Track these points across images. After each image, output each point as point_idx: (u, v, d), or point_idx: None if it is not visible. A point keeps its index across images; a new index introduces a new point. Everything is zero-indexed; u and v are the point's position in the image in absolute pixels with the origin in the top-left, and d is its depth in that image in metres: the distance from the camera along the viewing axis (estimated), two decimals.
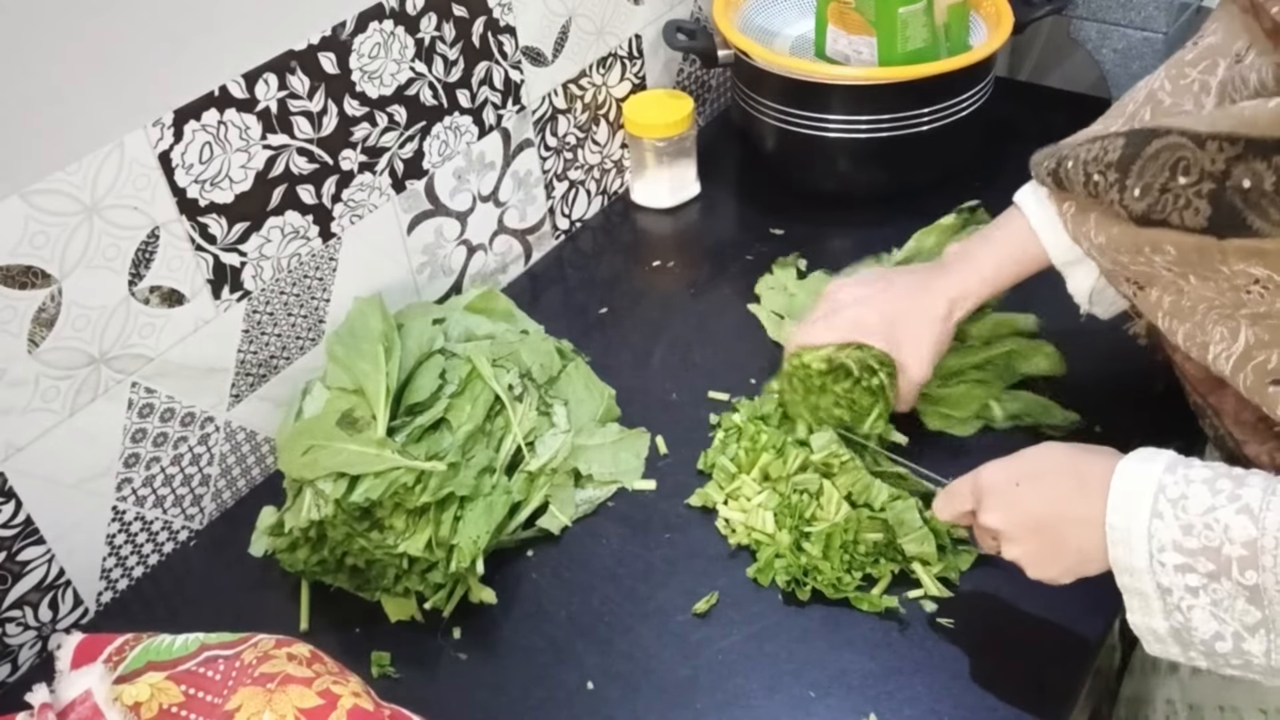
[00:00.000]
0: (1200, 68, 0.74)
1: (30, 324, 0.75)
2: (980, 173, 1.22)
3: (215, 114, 0.81)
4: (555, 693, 0.77)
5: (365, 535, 0.79)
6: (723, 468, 0.89)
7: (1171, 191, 0.65)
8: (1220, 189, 0.62)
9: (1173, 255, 0.68)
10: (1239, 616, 0.59)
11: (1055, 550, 0.68)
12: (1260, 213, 0.60)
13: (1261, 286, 0.63)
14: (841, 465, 0.85)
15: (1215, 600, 0.59)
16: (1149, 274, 0.73)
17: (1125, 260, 0.73)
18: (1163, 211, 0.66)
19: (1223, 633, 0.59)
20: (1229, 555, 0.58)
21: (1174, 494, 0.61)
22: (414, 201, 1.01)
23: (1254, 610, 0.58)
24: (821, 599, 0.80)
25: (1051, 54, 1.44)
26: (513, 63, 1.05)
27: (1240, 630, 0.59)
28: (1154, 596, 0.62)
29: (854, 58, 1.16)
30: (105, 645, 0.66)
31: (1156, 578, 0.61)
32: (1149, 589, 0.62)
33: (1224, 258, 0.64)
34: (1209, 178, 0.63)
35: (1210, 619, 0.60)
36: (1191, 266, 0.68)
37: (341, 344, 0.89)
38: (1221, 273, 0.65)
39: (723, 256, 1.17)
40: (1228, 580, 0.58)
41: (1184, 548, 0.60)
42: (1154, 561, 0.61)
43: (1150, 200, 0.67)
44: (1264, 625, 0.58)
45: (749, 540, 0.84)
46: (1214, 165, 0.62)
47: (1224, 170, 0.62)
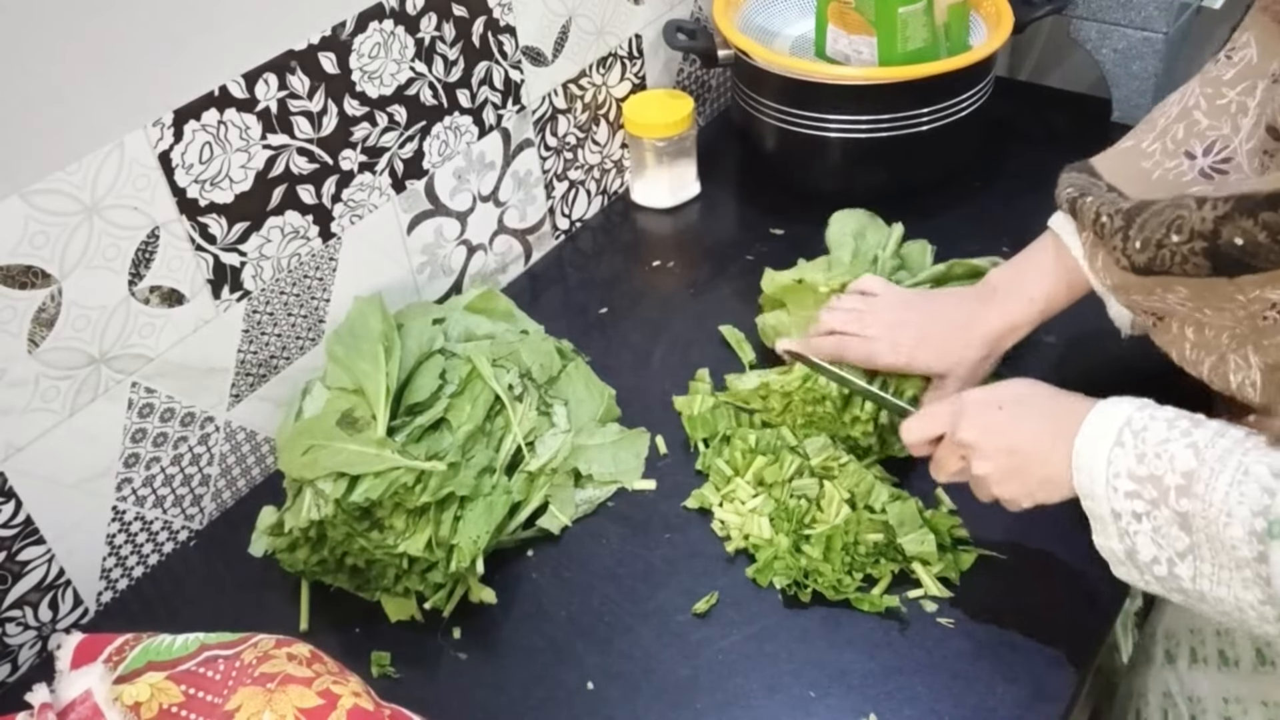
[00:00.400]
0: (1239, 89, 0.73)
1: (30, 324, 0.75)
2: (980, 173, 1.22)
3: (215, 114, 0.81)
4: (555, 693, 0.77)
5: (365, 535, 0.79)
6: (718, 470, 0.89)
7: (1167, 248, 0.67)
8: (1213, 247, 0.64)
9: (1184, 293, 0.70)
10: (1172, 542, 0.62)
11: (1022, 472, 0.72)
12: (1261, 260, 0.62)
13: (1278, 311, 0.65)
14: (841, 468, 0.85)
15: (1155, 526, 0.63)
16: (1164, 309, 0.74)
17: (1139, 299, 0.75)
18: (1163, 265, 0.68)
19: (1159, 557, 0.63)
20: (1169, 484, 0.62)
21: (1137, 426, 0.65)
22: (414, 201, 1.01)
23: (1184, 536, 0.62)
24: (821, 599, 0.80)
25: (1051, 54, 1.44)
26: (513, 63, 1.05)
27: (1173, 555, 0.63)
28: (1109, 520, 0.66)
29: (854, 58, 1.16)
30: (105, 645, 0.66)
31: (1111, 503, 0.65)
32: (1105, 513, 0.66)
33: (1239, 289, 0.66)
34: (1199, 236, 0.65)
35: (1150, 544, 0.64)
36: (1205, 301, 0.69)
37: (341, 344, 0.89)
38: (1237, 301, 0.67)
39: (723, 256, 1.17)
40: (1165, 507, 0.62)
41: (1135, 475, 0.64)
42: (1109, 486, 0.65)
43: (1150, 254, 0.69)
44: (1191, 551, 0.62)
45: (746, 545, 0.84)
46: (1203, 225, 0.64)
47: (1213, 229, 0.64)
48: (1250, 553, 0.58)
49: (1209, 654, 0.78)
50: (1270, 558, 0.57)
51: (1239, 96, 0.73)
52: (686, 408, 0.95)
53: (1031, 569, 0.81)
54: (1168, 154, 0.77)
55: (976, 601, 0.80)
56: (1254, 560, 0.58)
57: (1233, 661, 0.76)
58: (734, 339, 1.04)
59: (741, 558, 0.84)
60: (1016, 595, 0.80)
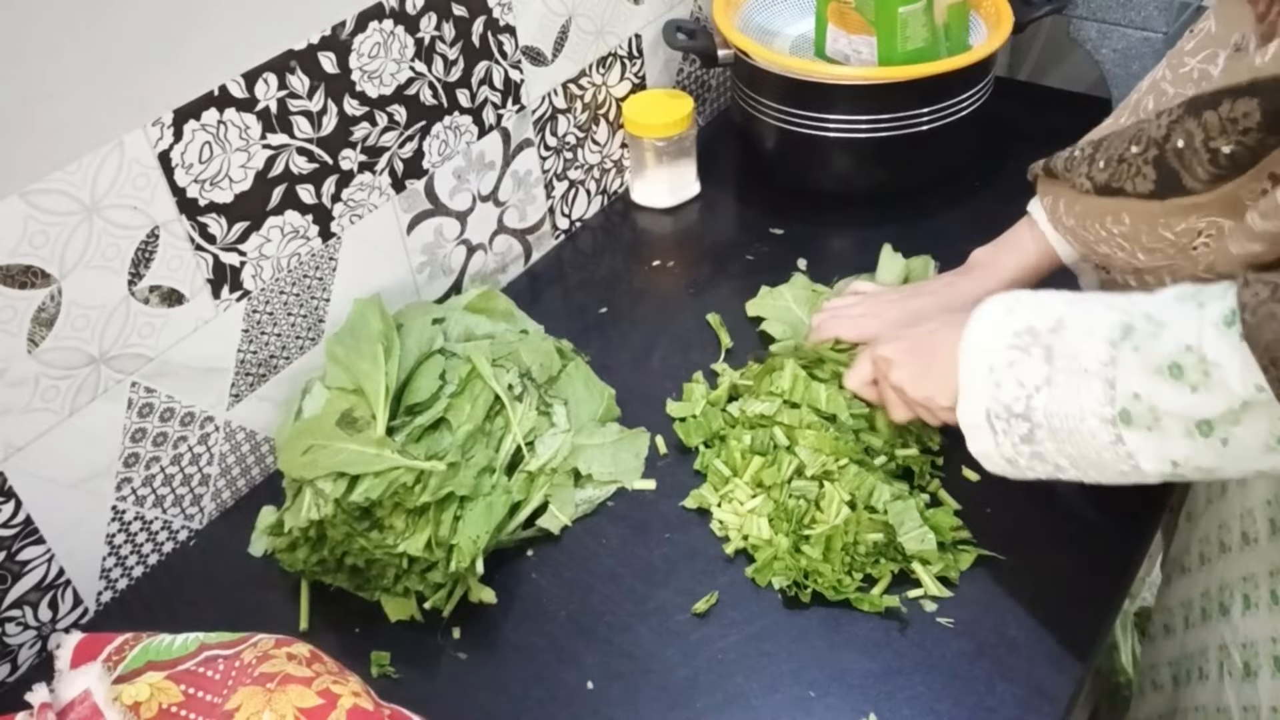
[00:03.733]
0: (1199, 57, 0.77)
1: (30, 324, 0.75)
2: (980, 172, 1.22)
3: (215, 114, 0.81)
4: (555, 693, 0.77)
5: (365, 535, 0.79)
6: (716, 470, 0.89)
7: (1126, 161, 0.73)
8: (1161, 153, 0.69)
9: (1126, 226, 0.75)
10: (1033, 378, 0.67)
11: (929, 363, 0.77)
12: (1190, 172, 0.67)
13: (1205, 237, 0.70)
14: (841, 470, 0.85)
15: (1023, 368, 0.68)
16: (1109, 257, 0.79)
17: (1090, 239, 0.80)
18: (1119, 180, 0.74)
19: (1019, 396, 0.68)
20: (1041, 327, 0.68)
21: (1025, 298, 0.71)
22: (414, 201, 1.01)
23: (1044, 367, 0.66)
24: (821, 599, 0.80)
25: (1051, 54, 1.44)
26: (512, 62, 1.05)
27: (1031, 390, 0.67)
28: (981, 376, 0.70)
29: (854, 58, 1.16)
30: (105, 645, 0.66)
31: (989, 359, 0.70)
32: (979, 369, 0.70)
33: (1166, 221, 0.71)
34: (1153, 144, 0.70)
35: (1014, 386, 0.68)
36: (1139, 239, 0.75)
37: (341, 344, 0.89)
38: (1166, 238, 0.72)
39: (723, 256, 1.17)
40: (1037, 348, 0.67)
41: (1015, 330, 0.69)
42: (991, 348, 0.70)
43: (1110, 171, 0.75)
44: (1049, 381, 0.66)
45: (745, 545, 0.84)
46: (1158, 131, 0.70)
47: (1165, 135, 0.69)
48: (1104, 357, 0.63)
49: (1262, 597, 0.79)
50: (1118, 358, 0.62)
51: (1200, 64, 0.77)
52: (679, 412, 0.95)
53: (1031, 569, 0.81)
54: None
55: (976, 601, 0.80)
56: (1104, 365, 0.63)
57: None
58: (714, 322, 1.06)
59: (741, 558, 0.84)
60: (1016, 595, 0.80)
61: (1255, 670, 0.78)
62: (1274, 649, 0.76)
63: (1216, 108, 0.64)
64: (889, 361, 0.81)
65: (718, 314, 1.06)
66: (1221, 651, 0.82)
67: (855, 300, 0.97)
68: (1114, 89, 1.26)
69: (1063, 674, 0.75)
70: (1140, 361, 0.61)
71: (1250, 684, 0.78)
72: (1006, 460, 0.71)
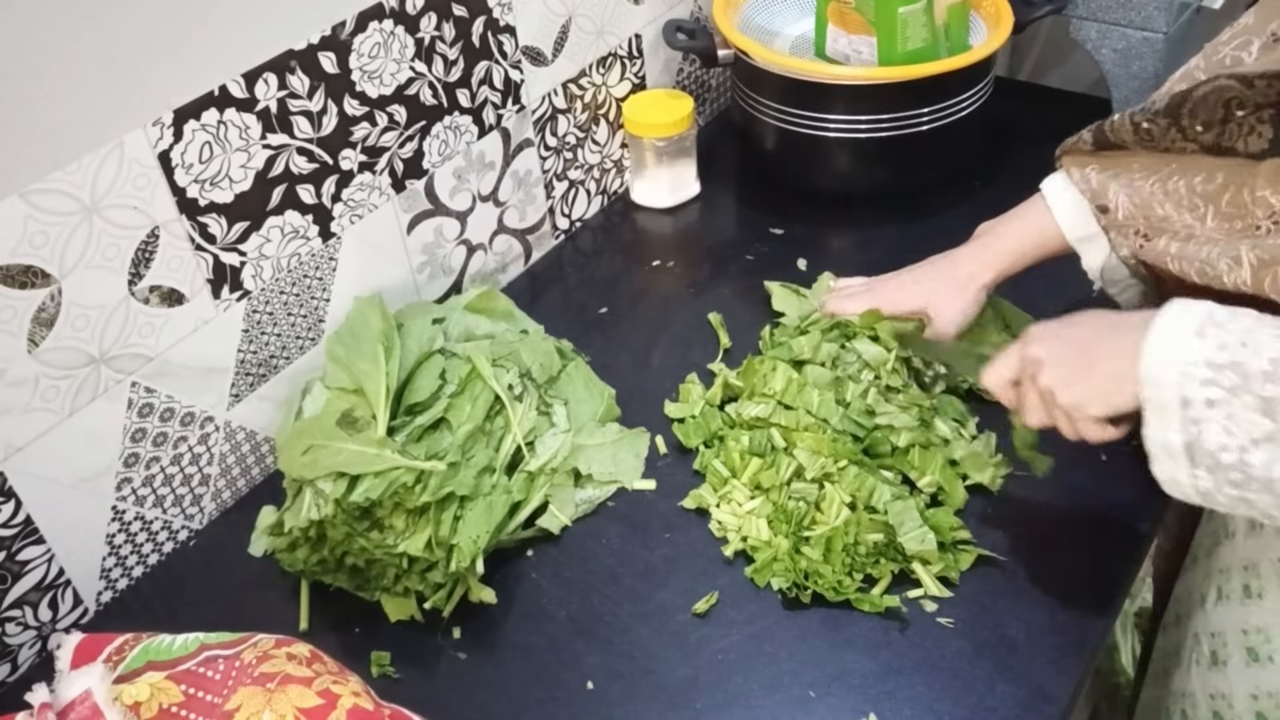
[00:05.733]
0: (1233, 45, 0.77)
1: (30, 324, 0.75)
2: (980, 172, 1.22)
3: (215, 114, 0.81)
4: (555, 693, 0.77)
5: (365, 535, 0.79)
6: (715, 470, 0.89)
7: (1233, 121, 0.73)
8: (1279, 113, 0.69)
9: (1216, 184, 0.75)
10: (1248, 429, 0.61)
11: (1087, 370, 0.71)
12: None
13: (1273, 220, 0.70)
14: (840, 472, 0.85)
15: (1230, 414, 0.62)
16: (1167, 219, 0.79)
17: (1158, 199, 0.80)
18: (1230, 139, 0.73)
19: (1229, 445, 0.62)
20: (1254, 369, 0.61)
21: (1221, 318, 0.64)
22: (414, 201, 1.01)
23: (1265, 422, 0.61)
24: (821, 599, 0.80)
25: (1051, 54, 1.44)
26: (513, 62, 1.05)
27: (1246, 443, 0.62)
28: (1174, 409, 0.64)
29: (854, 58, 1.16)
30: (105, 645, 0.66)
31: (1182, 389, 0.64)
32: (1171, 401, 0.64)
33: (1254, 184, 0.71)
34: (1267, 106, 0.70)
35: (1221, 432, 0.62)
36: (1218, 201, 0.74)
37: (341, 344, 0.89)
38: (1244, 204, 0.72)
39: (723, 256, 1.17)
40: (1247, 394, 0.61)
41: (1214, 363, 0.63)
42: (1182, 373, 0.64)
43: (1215, 132, 0.74)
44: (1270, 438, 0.61)
45: (744, 546, 0.84)
46: (1266, 98, 0.70)
47: (1277, 100, 0.69)
48: None
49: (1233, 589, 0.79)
50: None
51: (1233, 51, 0.77)
52: (677, 413, 0.95)
53: (1031, 569, 0.81)
54: None
55: (976, 601, 0.80)
56: None
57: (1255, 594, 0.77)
58: (715, 322, 1.06)
59: (741, 558, 0.84)
60: (1016, 595, 0.80)
61: (1224, 659, 0.78)
62: (1245, 640, 0.77)
63: None
64: (1040, 362, 0.74)
65: (719, 313, 1.06)
66: (1194, 640, 0.83)
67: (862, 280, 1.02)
68: (1114, 89, 1.26)
69: (1063, 674, 0.75)
70: None
71: (1219, 672, 0.79)
72: (1201, 495, 0.66)
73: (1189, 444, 0.64)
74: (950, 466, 0.87)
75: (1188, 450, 0.65)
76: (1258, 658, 0.76)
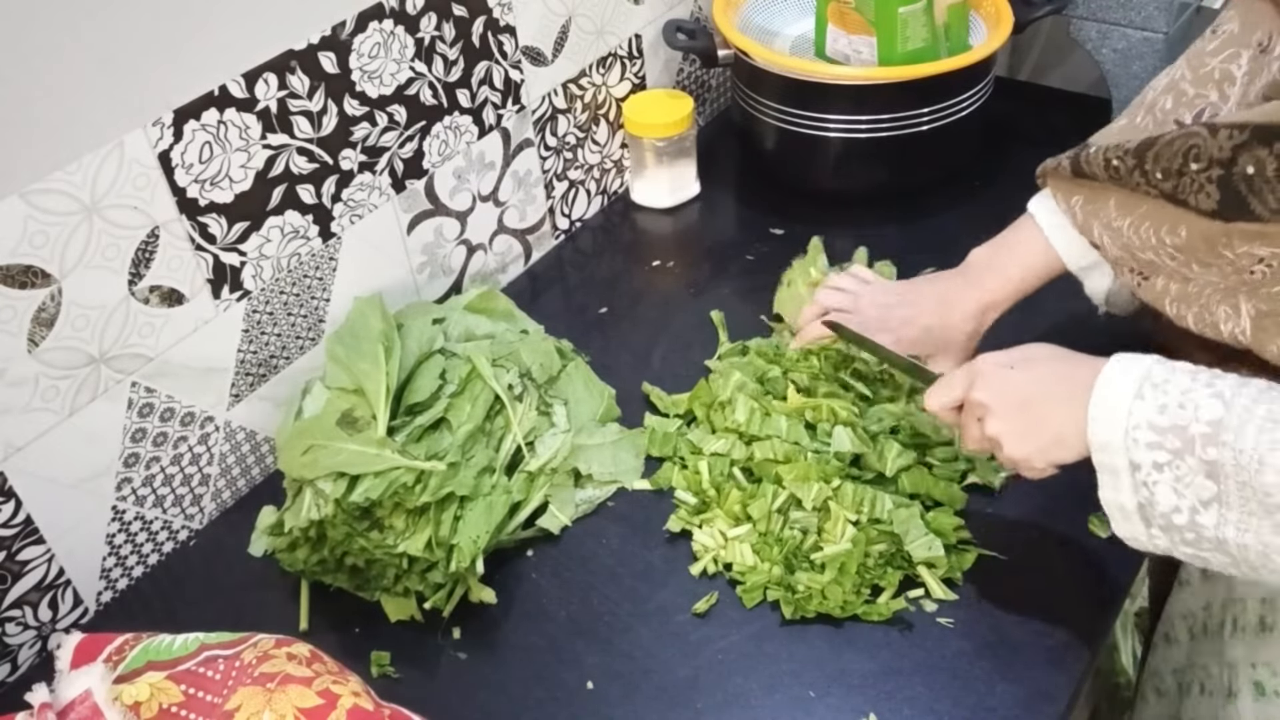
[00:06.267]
0: (1221, 57, 0.75)
1: (30, 324, 0.75)
2: (980, 172, 1.22)
3: (215, 114, 0.81)
4: (555, 693, 0.77)
5: (365, 535, 0.79)
6: (681, 500, 0.87)
7: (1187, 175, 0.69)
8: (1228, 174, 0.65)
9: (1182, 239, 0.71)
10: (1196, 491, 0.62)
11: (1035, 428, 0.71)
12: (1260, 199, 0.64)
13: (1265, 265, 0.67)
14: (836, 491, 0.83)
15: (1178, 476, 0.62)
16: (1154, 264, 0.76)
17: (1136, 244, 0.76)
18: (1184, 193, 0.70)
19: (1180, 506, 0.63)
20: (1194, 433, 0.61)
21: (1158, 379, 0.64)
22: (414, 201, 1.01)
23: (1210, 485, 0.61)
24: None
25: (1051, 54, 1.44)
26: (513, 62, 1.05)
27: (1196, 504, 0.62)
28: (1125, 472, 0.65)
29: (854, 58, 1.16)
30: (105, 645, 0.66)
31: (1129, 454, 0.64)
32: (1121, 465, 0.65)
33: (1228, 241, 0.68)
34: (1217, 164, 0.66)
35: (1171, 493, 0.63)
36: (1195, 253, 0.71)
37: (341, 344, 0.89)
38: (1225, 257, 0.68)
39: (723, 256, 1.17)
40: (1191, 456, 0.62)
41: (1156, 425, 0.63)
42: (1128, 438, 0.64)
43: (1173, 182, 0.70)
44: (1217, 500, 0.61)
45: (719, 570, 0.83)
46: (1221, 152, 0.66)
47: (1230, 157, 0.65)
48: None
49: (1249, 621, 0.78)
50: None
51: (1222, 64, 0.75)
52: (655, 425, 0.94)
53: (1031, 569, 0.81)
54: (1158, 124, 0.79)
55: (976, 601, 0.80)
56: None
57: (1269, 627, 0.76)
58: (717, 320, 1.06)
59: (719, 576, 0.83)
60: (1016, 595, 0.80)
61: (1235, 692, 0.78)
62: (1254, 674, 0.76)
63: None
64: (987, 409, 0.74)
65: (720, 311, 1.06)
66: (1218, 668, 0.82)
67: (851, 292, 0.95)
68: (1114, 89, 1.26)
69: (1063, 674, 0.75)
70: None
71: (1232, 704, 0.78)
72: (1162, 551, 0.67)
73: (1142, 505, 0.65)
74: (933, 472, 0.87)
75: (1141, 511, 0.65)
76: (1264, 693, 0.76)
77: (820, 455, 0.86)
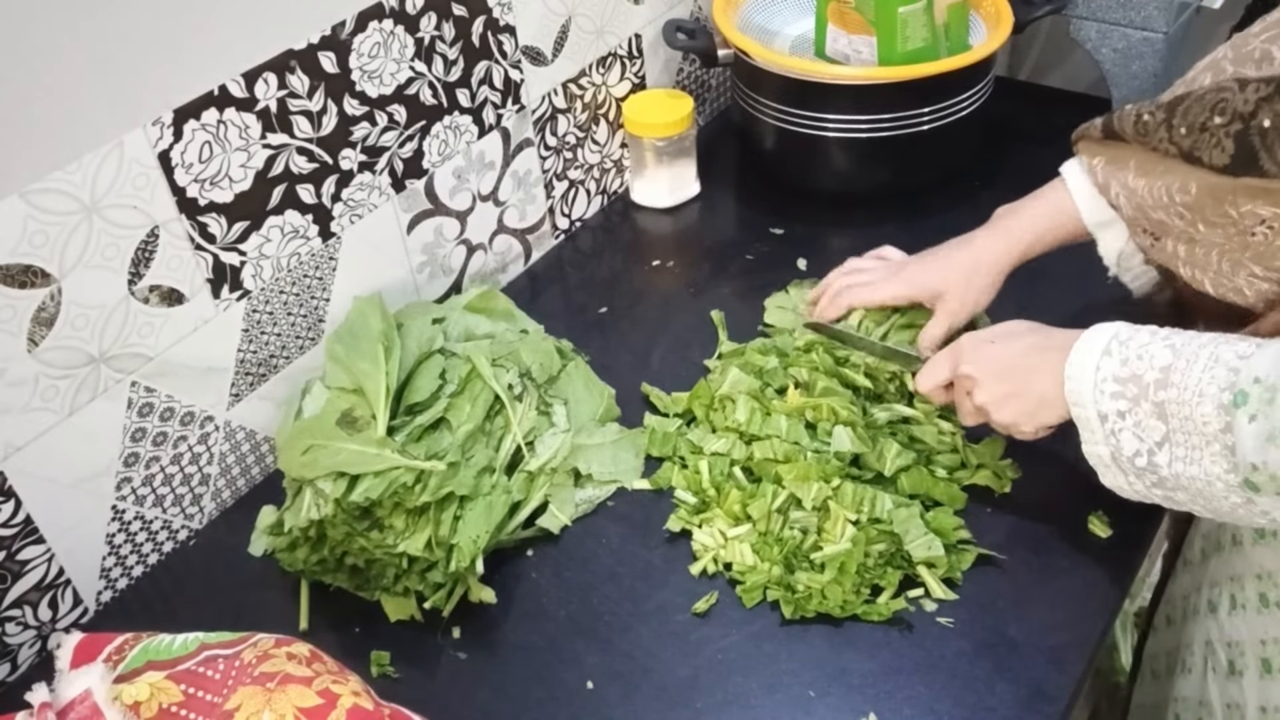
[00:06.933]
0: (1264, 37, 0.77)
1: (30, 323, 0.75)
2: (980, 172, 1.22)
3: (215, 113, 0.81)
4: (555, 693, 0.77)
5: (365, 535, 0.79)
6: (681, 500, 0.87)
7: (1209, 130, 0.72)
8: (1245, 129, 0.69)
9: (1191, 196, 0.75)
10: (1150, 434, 0.67)
11: (1020, 392, 0.77)
12: (1271, 154, 0.67)
13: (1267, 226, 0.70)
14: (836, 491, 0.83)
15: (1137, 421, 0.68)
16: (1164, 224, 0.79)
17: (1148, 203, 0.79)
18: (1200, 149, 0.73)
19: (1140, 450, 0.68)
20: (1148, 380, 0.67)
21: (1124, 337, 0.70)
22: (414, 201, 1.01)
23: (1161, 425, 0.67)
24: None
25: (1051, 54, 1.44)
26: (512, 62, 1.05)
27: (1152, 446, 0.67)
28: (1096, 423, 0.71)
29: (854, 57, 1.16)
30: (105, 644, 0.66)
31: (1098, 405, 0.70)
32: (1092, 416, 0.71)
33: (1234, 199, 0.71)
34: (1239, 118, 0.69)
35: (1133, 439, 0.69)
36: (1203, 211, 0.74)
37: (341, 343, 0.89)
38: (1229, 216, 0.72)
39: (723, 256, 1.17)
40: (1146, 401, 0.67)
41: (1119, 377, 0.69)
42: (1096, 390, 0.70)
43: (1193, 139, 0.74)
44: (1167, 440, 0.66)
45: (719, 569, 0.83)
46: (1246, 106, 0.69)
47: (1252, 110, 0.68)
48: (1219, 425, 0.63)
49: (1249, 599, 0.79)
50: (1234, 425, 0.62)
51: (1263, 44, 0.77)
52: (655, 425, 0.94)
53: (1031, 569, 0.81)
54: None
55: (976, 601, 0.80)
56: (1221, 432, 0.63)
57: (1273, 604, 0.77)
58: (717, 319, 1.06)
59: (719, 576, 0.83)
60: (1016, 595, 0.80)
61: (1241, 669, 0.78)
62: (1262, 651, 0.77)
63: None
64: (973, 380, 0.80)
65: (720, 311, 1.06)
66: (1207, 647, 0.83)
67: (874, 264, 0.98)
68: (1114, 89, 1.26)
69: (1063, 674, 0.75)
70: (1257, 430, 0.61)
71: (1235, 682, 0.79)
72: (1140, 496, 0.72)
73: (1114, 454, 0.70)
74: (937, 474, 0.87)
75: (1114, 459, 0.71)
76: (1270, 669, 0.76)
77: (820, 455, 0.86)
